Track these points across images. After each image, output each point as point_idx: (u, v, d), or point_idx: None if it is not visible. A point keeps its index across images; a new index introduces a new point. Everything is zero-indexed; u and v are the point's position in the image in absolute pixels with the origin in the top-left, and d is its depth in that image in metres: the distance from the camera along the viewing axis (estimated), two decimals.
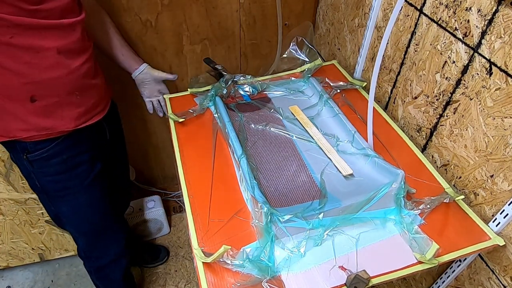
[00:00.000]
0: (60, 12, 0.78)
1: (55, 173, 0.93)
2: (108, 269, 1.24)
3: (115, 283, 1.30)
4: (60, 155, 0.91)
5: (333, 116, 1.05)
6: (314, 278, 0.70)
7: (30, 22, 0.73)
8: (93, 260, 1.22)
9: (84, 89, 0.89)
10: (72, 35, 0.83)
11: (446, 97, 0.88)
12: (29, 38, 0.75)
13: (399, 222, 0.79)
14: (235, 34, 1.40)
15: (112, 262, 1.22)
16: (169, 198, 1.86)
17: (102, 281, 1.30)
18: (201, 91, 1.16)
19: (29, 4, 0.71)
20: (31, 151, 0.88)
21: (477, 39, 0.76)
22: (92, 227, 1.10)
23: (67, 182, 0.96)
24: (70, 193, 0.98)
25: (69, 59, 0.83)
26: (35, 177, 0.94)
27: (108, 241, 1.18)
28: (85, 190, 1.00)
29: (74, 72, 0.85)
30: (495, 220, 0.78)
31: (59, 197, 0.99)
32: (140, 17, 1.24)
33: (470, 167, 0.84)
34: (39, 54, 0.78)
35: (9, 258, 1.51)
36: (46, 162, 0.91)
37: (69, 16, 0.81)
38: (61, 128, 0.88)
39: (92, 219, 1.08)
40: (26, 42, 0.75)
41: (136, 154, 1.62)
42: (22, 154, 0.88)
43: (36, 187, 0.97)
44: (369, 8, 1.09)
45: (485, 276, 0.85)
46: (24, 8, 0.71)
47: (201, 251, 0.73)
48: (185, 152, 0.97)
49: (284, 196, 0.85)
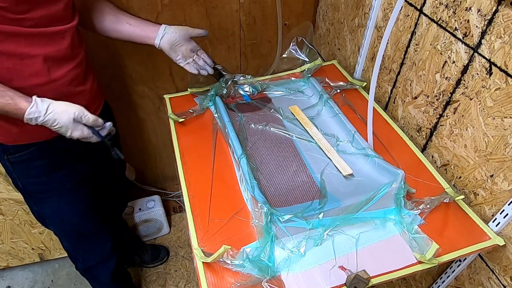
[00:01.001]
0: (49, 20, 0.76)
1: (36, 175, 0.92)
2: (95, 271, 1.23)
3: (104, 285, 1.30)
4: (41, 158, 0.89)
5: (333, 116, 1.05)
6: (314, 278, 0.70)
7: (15, 30, 0.71)
8: (80, 261, 1.21)
9: (70, 96, 0.84)
10: (60, 42, 0.80)
11: (446, 97, 0.88)
12: (13, 45, 0.73)
13: (399, 222, 0.79)
14: (235, 34, 1.40)
15: (99, 264, 1.21)
16: (169, 198, 1.86)
17: (92, 282, 1.31)
18: (201, 91, 1.16)
19: (14, 13, 0.69)
20: (12, 153, 0.86)
21: (477, 39, 0.76)
22: (74, 229, 1.08)
23: (48, 184, 0.94)
24: (51, 195, 0.97)
25: (55, 67, 0.80)
26: (16, 177, 0.92)
27: (92, 244, 1.16)
28: (67, 193, 0.98)
29: (59, 79, 0.82)
30: (495, 220, 0.78)
31: (40, 199, 0.98)
32: (140, 17, 1.24)
33: (470, 167, 0.84)
34: (23, 61, 0.75)
35: (9, 258, 1.51)
36: (27, 164, 0.89)
37: (59, 24, 0.79)
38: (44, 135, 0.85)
39: (73, 222, 1.06)
40: (10, 48, 0.72)
41: (136, 154, 1.62)
42: (3, 154, 0.87)
43: (18, 187, 0.96)
44: (369, 8, 1.09)
45: (485, 276, 0.85)
46: (9, 17, 0.69)
47: (201, 251, 0.73)
48: (185, 152, 0.97)
49: (284, 196, 0.85)
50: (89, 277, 1.29)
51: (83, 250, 1.17)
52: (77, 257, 1.20)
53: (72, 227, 1.07)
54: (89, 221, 1.10)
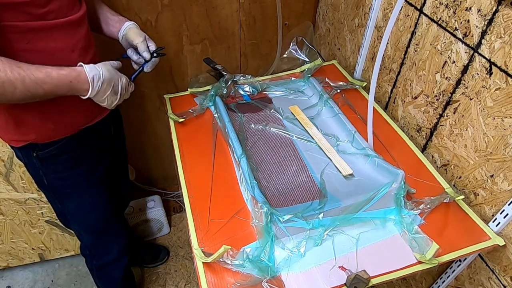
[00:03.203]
0: (66, 9, 0.79)
1: (63, 170, 0.95)
2: (110, 268, 1.25)
3: (115, 283, 1.30)
4: (68, 152, 0.92)
5: (333, 116, 1.05)
6: (314, 278, 0.70)
7: (41, 25, 0.74)
8: (96, 258, 1.22)
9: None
10: (79, 31, 0.84)
11: (446, 97, 0.88)
12: (43, 41, 0.76)
13: (399, 222, 0.79)
14: (235, 34, 1.40)
15: (114, 260, 1.23)
16: (169, 198, 1.86)
17: (102, 280, 1.31)
18: (201, 91, 1.16)
19: (37, 7, 0.72)
20: (42, 149, 0.89)
21: (477, 39, 0.76)
22: (97, 225, 1.11)
23: (74, 179, 0.98)
24: (76, 190, 1.00)
25: (81, 57, 0.84)
26: (43, 174, 0.94)
27: (112, 239, 1.19)
28: (90, 188, 1.02)
29: None
30: (495, 220, 0.78)
31: (65, 194, 1.01)
32: (140, 17, 1.24)
33: (470, 167, 0.84)
34: (54, 56, 0.78)
35: (9, 258, 1.51)
36: (55, 159, 0.92)
37: (74, 12, 0.82)
38: (75, 126, 0.89)
39: (97, 217, 1.09)
40: (41, 45, 0.76)
41: (136, 154, 1.62)
42: (32, 152, 0.89)
43: (43, 185, 0.98)
44: (369, 8, 1.09)
45: (485, 276, 0.85)
46: (35, 13, 0.72)
47: (201, 251, 0.73)
48: (185, 152, 0.97)
49: (284, 196, 0.85)
50: (101, 275, 1.29)
51: (103, 246, 1.19)
52: (94, 253, 1.22)
53: (95, 222, 1.10)
54: (110, 216, 1.14)
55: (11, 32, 0.71)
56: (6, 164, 1.22)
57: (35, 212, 1.38)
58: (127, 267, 1.29)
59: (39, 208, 1.37)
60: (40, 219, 1.41)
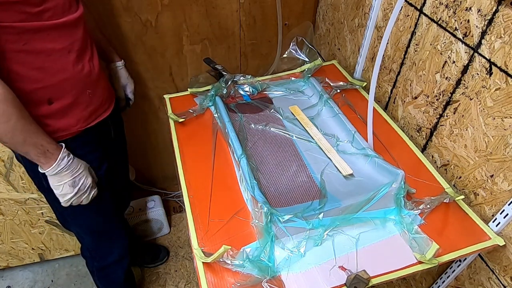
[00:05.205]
0: (62, 8, 0.79)
1: None
2: (111, 269, 1.24)
3: (117, 284, 1.30)
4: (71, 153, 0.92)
5: (333, 116, 1.05)
6: (314, 278, 0.70)
7: (38, 26, 0.74)
8: (97, 259, 1.22)
9: (95, 86, 0.92)
10: (76, 33, 0.84)
11: (446, 97, 0.88)
12: (39, 43, 0.76)
13: (399, 222, 0.79)
14: (235, 34, 1.40)
15: (116, 262, 1.22)
16: (169, 198, 1.86)
17: (103, 282, 1.30)
18: (201, 91, 1.16)
19: (33, 6, 0.72)
20: None
21: (477, 39, 0.76)
22: (98, 227, 1.11)
23: None
24: None
25: (79, 58, 0.84)
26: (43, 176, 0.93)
27: (113, 241, 1.18)
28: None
29: (84, 69, 0.87)
30: (495, 220, 0.78)
31: None
32: (140, 17, 1.24)
33: (470, 167, 0.84)
34: (50, 57, 0.79)
35: (9, 258, 1.51)
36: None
37: (70, 13, 0.82)
38: (74, 128, 0.90)
39: (98, 219, 1.09)
40: (38, 46, 0.76)
41: (136, 154, 1.62)
42: None
43: (43, 187, 0.97)
44: (369, 8, 1.09)
45: (485, 276, 0.85)
46: (30, 12, 0.72)
47: (201, 251, 0.73)
48: (185, 152, 0.97)
49: (284, 196, 0.85)
50: (102, 276, 1.28)
51: (104, 247, 1.18)
52: (95, 255, 1.21)
53: (97, 223, 1.10)
54: (112, 218, 1.14)
55: (8, 33, 0.71)
56: (6, 164, 1.22)
57: (35, 212, 1.38)
58: (128, 268, 1.29)
59: (39, 208, 1.37)
60: (40, 219, 1.41)
